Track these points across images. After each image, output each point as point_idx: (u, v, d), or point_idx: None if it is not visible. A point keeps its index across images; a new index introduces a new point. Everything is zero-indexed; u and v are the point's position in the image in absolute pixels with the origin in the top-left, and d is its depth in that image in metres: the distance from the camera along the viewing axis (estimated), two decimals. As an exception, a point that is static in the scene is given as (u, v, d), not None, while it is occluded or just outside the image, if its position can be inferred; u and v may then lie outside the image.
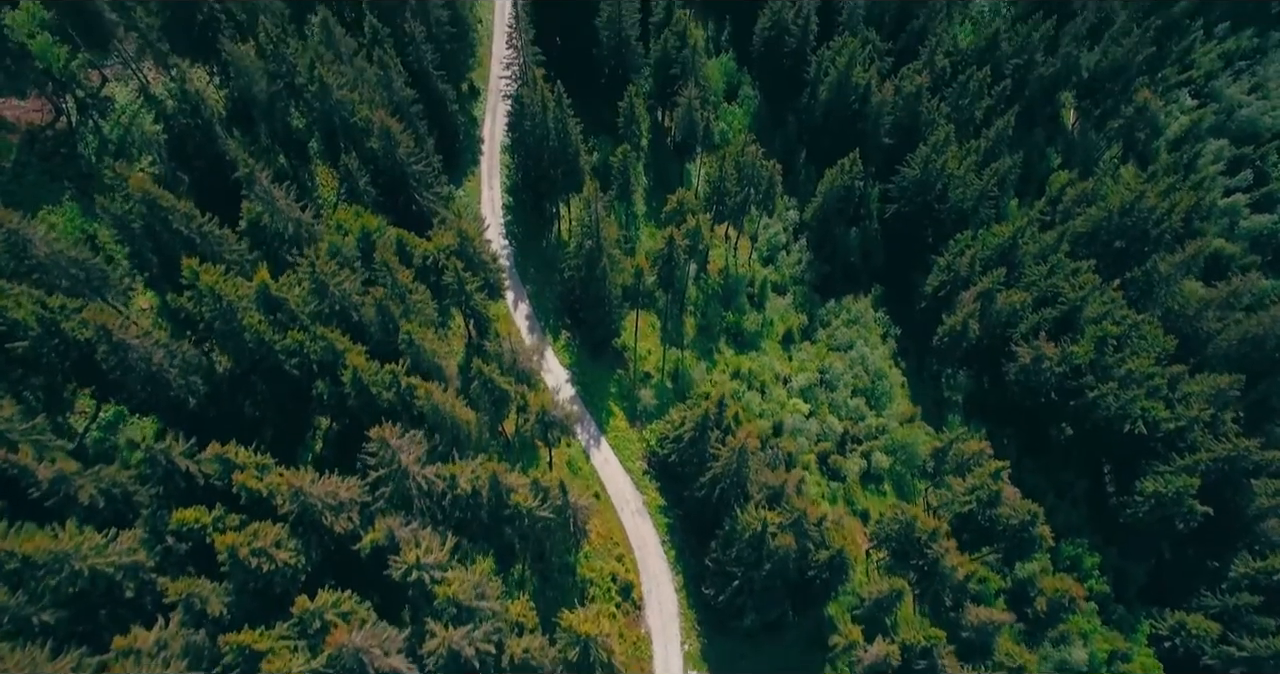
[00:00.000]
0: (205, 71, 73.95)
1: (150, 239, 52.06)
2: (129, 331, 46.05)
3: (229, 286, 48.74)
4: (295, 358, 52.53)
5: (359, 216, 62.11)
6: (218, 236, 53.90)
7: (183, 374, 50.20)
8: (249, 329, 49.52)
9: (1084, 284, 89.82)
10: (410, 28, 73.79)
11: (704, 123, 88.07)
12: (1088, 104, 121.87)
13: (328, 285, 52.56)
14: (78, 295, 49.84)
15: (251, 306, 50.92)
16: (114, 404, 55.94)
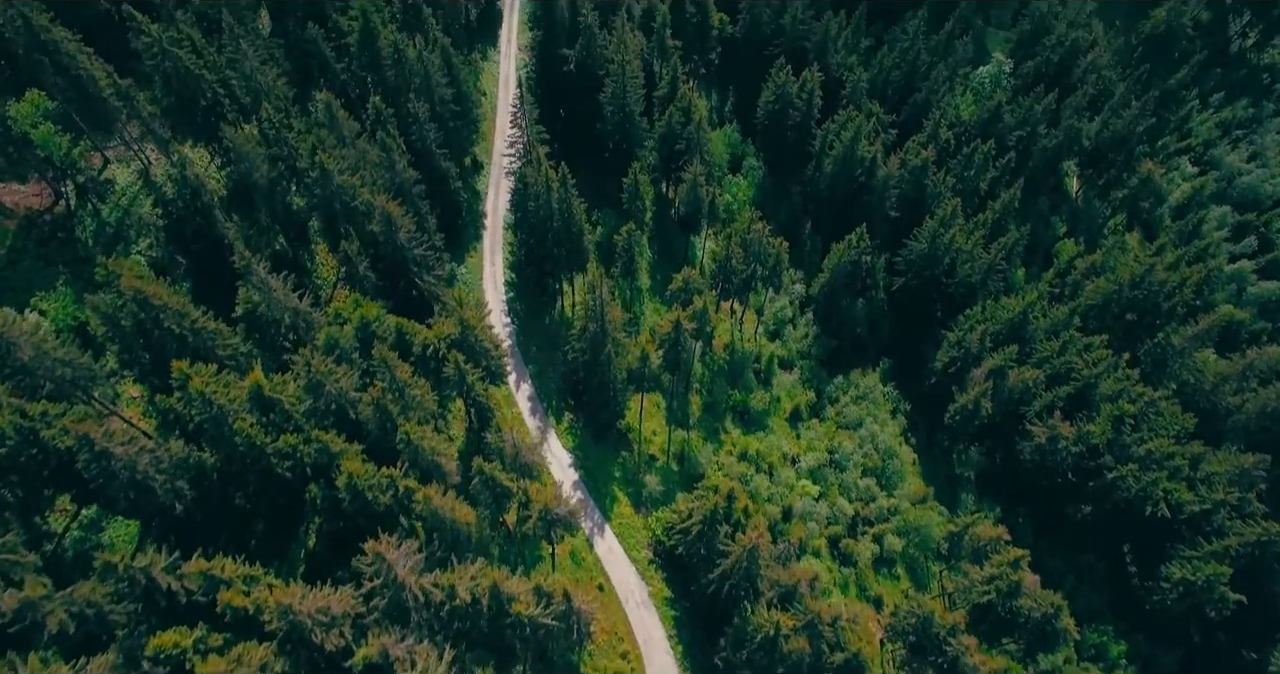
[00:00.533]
0: (207, 152, 73.37)
1: (141, 337, 50.27)
2: (112, 439, 43.88)
3: (220, 391, 46.77)
4: (288, 461, 50.23)
5: (358, 306, 60.50)
6: (211, 332, 52.16)
7: (169, 479, 47.82)
8: (240, 434, 47.34)
9: (1097, 359, 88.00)
10: (414, 107, 73.39)
11: (709, 198, 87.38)
12: (1091, 173, 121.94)
13: (323, 385, 50.57)
14: (62, 397, 47.81)
15: (243, 409, 48.84)
16: (95, 506, 53.42)
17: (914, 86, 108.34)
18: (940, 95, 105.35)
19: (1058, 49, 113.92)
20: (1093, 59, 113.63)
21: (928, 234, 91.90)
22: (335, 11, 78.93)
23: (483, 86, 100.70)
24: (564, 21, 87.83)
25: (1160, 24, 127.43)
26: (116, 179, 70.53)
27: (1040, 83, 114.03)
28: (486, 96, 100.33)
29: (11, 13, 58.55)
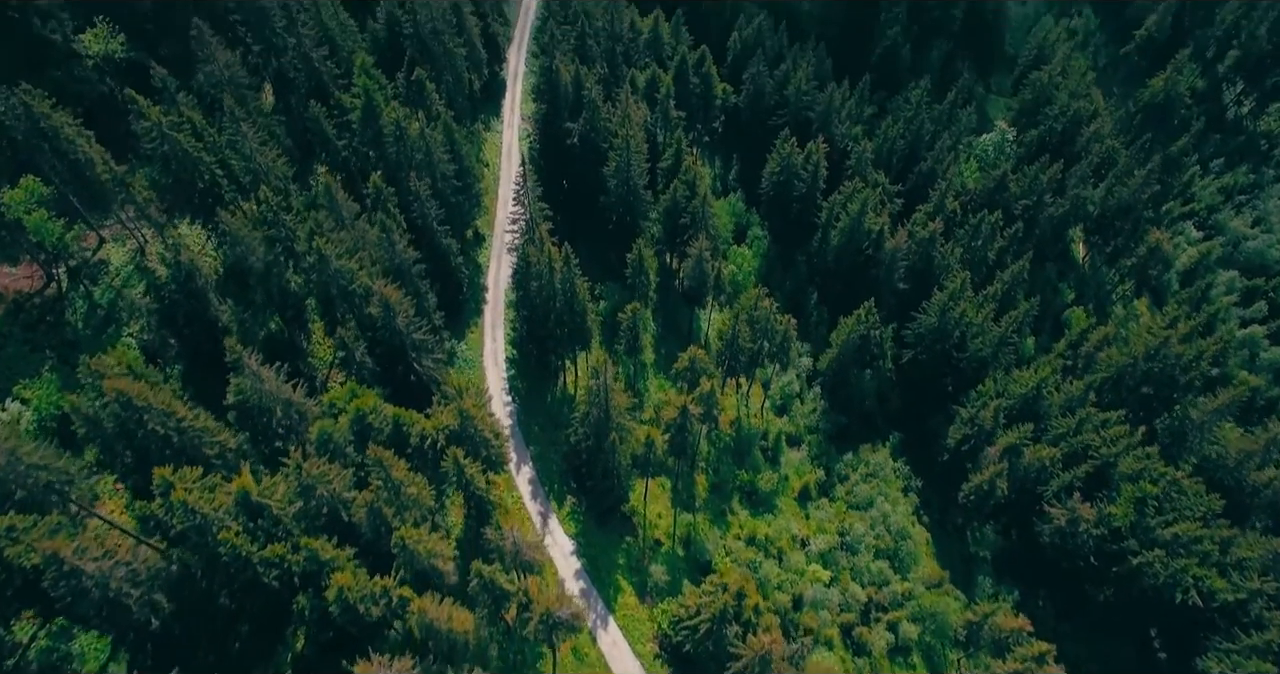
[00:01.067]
0: (204, 232, 71.97)
1: (123, 438, 47.82)
2: (84, 555, 41.05)
3: (204, 498, 44.13)
4: (275, 570, 47.28)
5: (354, 397, 58.22)
6: (198, 430, 49.67)
7: (146, 592, 44.80)
8: (225, 544, 44.51)
9: (1115, 436, 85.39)
10: (415, 186, 72.25)
11: (714, 272, 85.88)
12: (1097, 239, 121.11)
13: (315, 488, 47.93)
14: (34, 505, 45.09)
15: (229, 515, 46.09)
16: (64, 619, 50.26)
17: (918, 155, 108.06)
18: (945, 165, 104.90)
19: (1060, 118, 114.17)
20: (1095, 128, 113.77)
21: (937, 308, 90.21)
22: (338, 88, 78.41)
23: (486, 157, 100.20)
24: (567, 95, 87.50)
25: (1159, 93, 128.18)
26: (111, 259, 68.95)
27: (1045, 152, 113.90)
28: (489, 167, 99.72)
29: (13, 100, 57.63)
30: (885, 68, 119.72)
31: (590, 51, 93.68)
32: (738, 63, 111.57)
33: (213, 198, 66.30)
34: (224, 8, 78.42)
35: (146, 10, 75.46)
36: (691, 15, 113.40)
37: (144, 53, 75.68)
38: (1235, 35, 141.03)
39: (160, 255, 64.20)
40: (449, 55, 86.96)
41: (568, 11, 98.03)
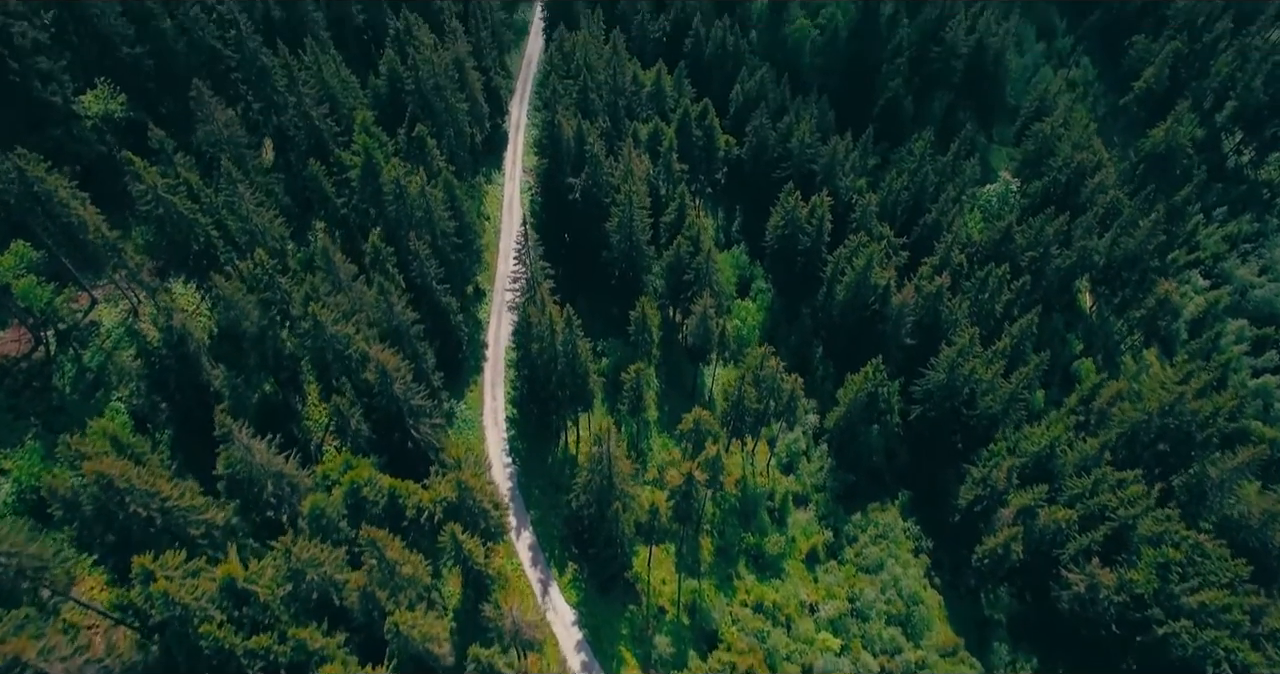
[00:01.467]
0: (198, 293, 70.49)
1: (102, 520, 45.56)
2: (50, 655, 38.52)
3: (186, 587, 41.72)
4: (261, 662, 44.63)
5: (348, 468, 56.07)
6: (184, 509, 47.42)
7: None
8: (207, 637, 41.97)
9: (1132, 497, 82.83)
10: (415, 245, 70.98)
11: (719, 330, 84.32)
12: (1104, 290, 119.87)
13: (305, 573, 45.53)
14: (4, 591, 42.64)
15: (212, 604, 43.61)
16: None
17: (923, 207, 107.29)
18: (950, 218, 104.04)
19: (1064, 170, 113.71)
20: (1100, 180, 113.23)
21: (945, 364, 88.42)
22: (338, 145, 77.68)
23: (487, 210, 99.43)
24: (569, 149, 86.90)
25: (1160, 143, 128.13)
26: (103, 320, 67.32)
27: (1049, 203, 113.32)
28: (490, 220, 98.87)
29: (7, 164, 56.55)
30: (887, 118, 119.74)
31: (593, 105, 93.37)
32: (740, 114, 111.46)
33: (208, 259, 64.96)
34: (226, 66, 78.00)
35: (148, 69, 74.87)
36: (694, 68, 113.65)
37: (144, 112, 75.06)
38: (1231, 87, 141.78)
39: (152, 318, 62.57)
40: (451, 110, 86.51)
41: (570, 65, 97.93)
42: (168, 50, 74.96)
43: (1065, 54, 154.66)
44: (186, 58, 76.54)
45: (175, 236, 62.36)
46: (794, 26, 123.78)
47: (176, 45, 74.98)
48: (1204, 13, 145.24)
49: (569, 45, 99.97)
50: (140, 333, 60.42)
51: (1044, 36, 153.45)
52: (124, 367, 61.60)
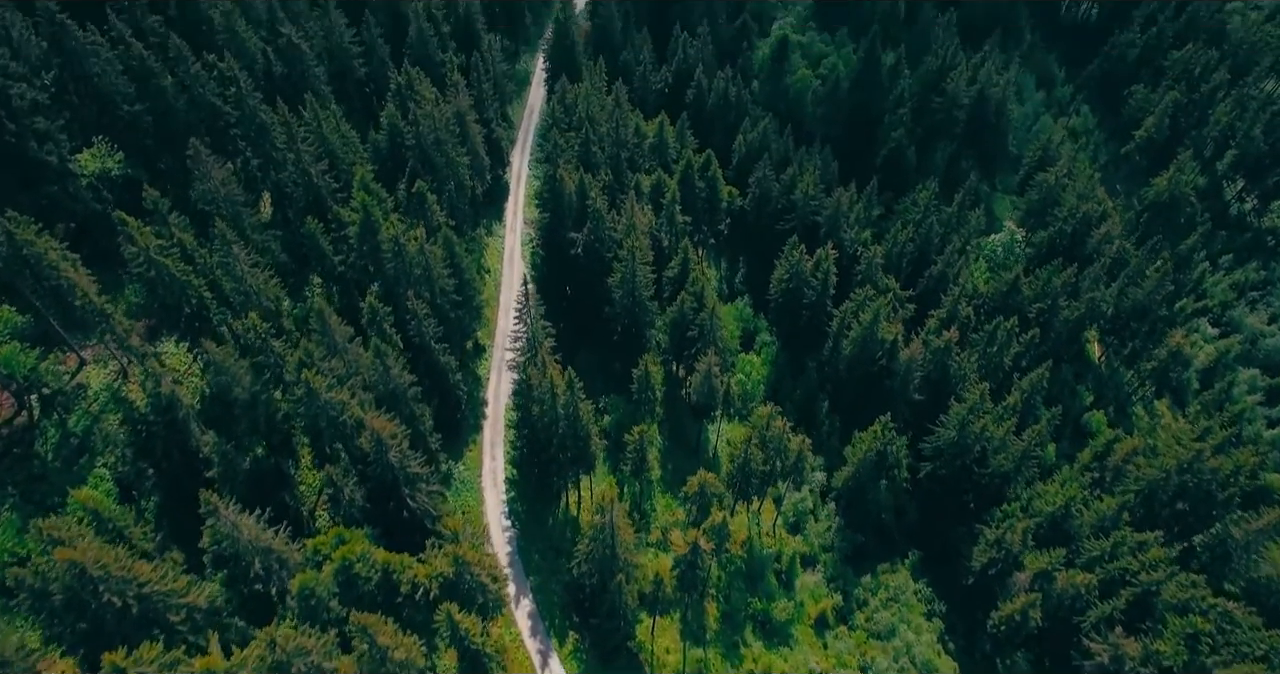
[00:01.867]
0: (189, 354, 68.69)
1: (74, 610, 43.02)
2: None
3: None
4: (239, 763, 41.77)
5: (340, 543, 53.62)
6: (163, 594, 44.91)
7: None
8: (181, 739, 39.28)
9: (1154, 561, 79.95)
10: (413, 305, 69.37)
11: (723, 388, 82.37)
12: (1112, 340, 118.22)
13: (290, 664, 42.86)
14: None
15: (190, 701, 40.91)
16: None
17: (928, 258, 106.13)
18: (957, 270, 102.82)
19: (1070, 220, 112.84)
20: (1106, 230, 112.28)
21: (956, 422, 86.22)
22: (336, 202, 76.59)
23: (487, 263, 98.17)
24: (571, 204, 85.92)
25: (1163, 192, 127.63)
26: (90, 382, 65.41)
27: (1055, 253, 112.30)
28: (491, 273, 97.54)
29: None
30: (890, 168, 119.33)
31: (595, 158, 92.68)
32: (743, 165, 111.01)
33: (200, 321, 63.33)
34: (225, 122, 77.33)
35: (147, 126, 74.14)
36: (696, 118, 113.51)
37: (142, 168, 74.27)
38: (1231, 135, 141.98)
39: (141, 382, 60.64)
40: (451, 164, 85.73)
41: (572, 117, 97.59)
42: (168, 107, 74.28)
43: (1065, 102, 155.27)
44: (186, 114, 75.84)
45: (167, 300, 60.79)
46: (795, 77, 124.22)
47: (177, 102, 74.32)
48: (1201, 63, 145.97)
49: (571, 97, 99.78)
50: (127, 399, 58.41)
51: (1043, 85, 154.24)
52: (109, 434, 59.48)
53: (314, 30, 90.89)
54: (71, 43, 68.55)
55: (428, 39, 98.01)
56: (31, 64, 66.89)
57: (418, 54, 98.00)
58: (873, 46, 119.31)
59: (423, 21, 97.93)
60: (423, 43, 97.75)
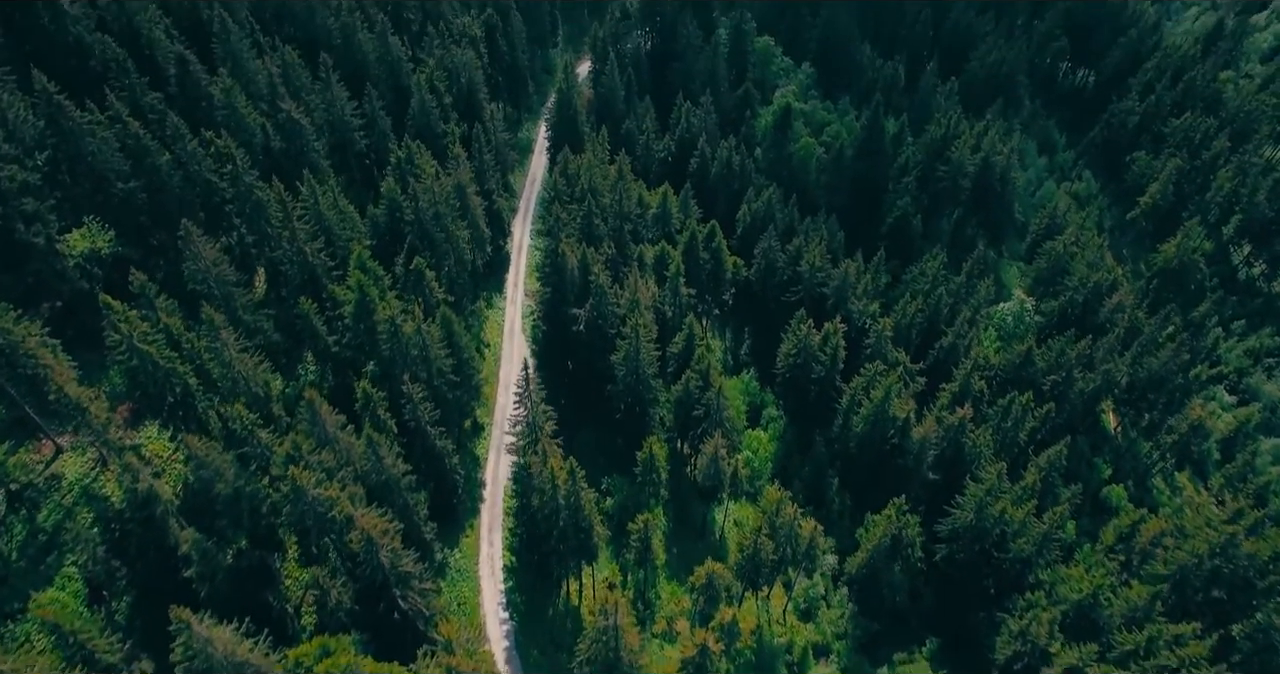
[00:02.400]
0: (172, 443, 65.63)
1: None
2: None
3: None
4: None
5: (324, 655, 49.68)
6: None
7: None
8: None
9: (1193, 656, 75.25)
10: (408, 389, 66.60)
11: (731, 471, 79.07)
12: (1128, 410, 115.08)
13: None
14: None
15: None
16: None
17: (938, 329, 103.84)
18: (968, 342, 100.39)
19: (1080, 290, 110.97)
20: (1118, 300, 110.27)
21: (973, 505, 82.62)
22: (332, 280, 74.52)
23: (487, 336, 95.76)
24: (573, 280, 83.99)
25: (1172, 259, 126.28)
26: (66, 473, 62.03)
27: (1067, 323, 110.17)
28: (490, 347, 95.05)
29: (-33, 317, 52.85)
30: (897, 236, 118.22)
31: (597, 230, 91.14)
32: (747, 235, 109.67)
33: (184, 409, 60.49)
34: (221, 198, 75.83)
35: (141, 203, 72.56)
36: (699, 187, 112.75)
37: (132, 246, 72.33)
38: (1235, 201, 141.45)
39: (118, 477, 57.48)
40: (451, 239, 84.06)
41: (574, 189, 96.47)
42: (163, 185, 72.76)
43: (1067, 167, 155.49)
44: (181, 191, 74.34)
45: (149, 389, 58.06)
46: (799, 145, 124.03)
47: (172, 180, 72.84)
48: (1201, 131, 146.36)
49: (573, 168, 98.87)
50: (101, 496, 55.21)
51: (1045, 151, 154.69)
52: (79, 532, 55.93)
53: (315, 103, 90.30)
54: (68, 123, 67.30)
55: (429, 110, 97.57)
56: (25, 145, 65.47)
57: (419, 125, 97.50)
58: (875, 115, 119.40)
59: (425, 93, 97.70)
60: (424, 114, 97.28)
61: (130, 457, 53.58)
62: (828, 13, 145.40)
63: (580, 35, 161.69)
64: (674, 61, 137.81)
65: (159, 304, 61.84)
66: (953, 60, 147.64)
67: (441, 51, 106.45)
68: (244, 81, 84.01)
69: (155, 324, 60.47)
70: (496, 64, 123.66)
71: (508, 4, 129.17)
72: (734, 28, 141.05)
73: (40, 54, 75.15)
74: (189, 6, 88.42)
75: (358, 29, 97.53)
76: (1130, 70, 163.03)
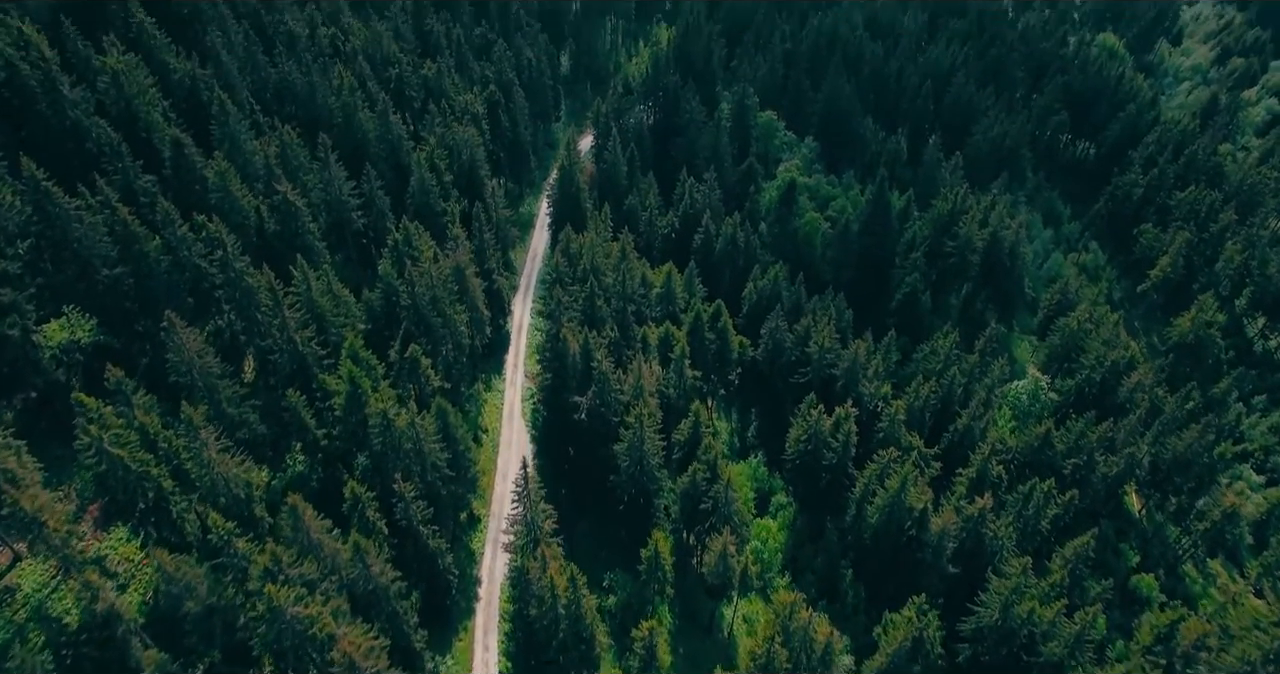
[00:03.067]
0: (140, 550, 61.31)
1: None
2: None
3: None
4: None
5: None
6: None
7: None
8: None
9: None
10: (400, 489, 62.68)
11: (740, 568, 74.36)
12: (1153, 492, 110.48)
13: None
14: None
15: None
16: None
17: (951, 410, 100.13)
18: (984, 424, 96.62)
19: (1098, 369, 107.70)
20: (1138, 379, 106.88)
21: (998, 603, 77.53)
22: (322, 369, 71.35)
23: (485, 421, 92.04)
24: (575, 366, 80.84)
25: (1187, 334, 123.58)
26: (22, 584, 57.42)
27: (1084, 403, 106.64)
28: (489, 433, 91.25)
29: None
30: (906, 312, 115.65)
31: (599, 312, 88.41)
32: (753, 313, 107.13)
33: (156, 515, 56.53)
34: (210, 283, 73.29)
35: (127, 289, 70.00)
36: (703, 264, 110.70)
37: (114, 335, 69.37)
38: (1246, 273, 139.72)
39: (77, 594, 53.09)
40: (449, 323, 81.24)
41: (576, 269, 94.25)
42: (150, 270, 70.31)
43: (1074, 239, 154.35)
44: (170, 276, 71.85)
45: (119, 494, 54.26)
46: (804, 220, 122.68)
47: (159, 266, 70.43)
48: (1206, 204, 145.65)
49: (575, 248, 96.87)
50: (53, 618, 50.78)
51: (1050, 223, 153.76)
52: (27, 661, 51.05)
53: (313, 182, 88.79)
54: (55, 209, 65.22)
55: (429, 189, 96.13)
56: (8, 233, 63.27)
57: (419, 204, 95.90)
58: (881, 190, 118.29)
59: (424, 171, 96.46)
60: (424, 193, 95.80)
61: (91, 572, 49.32)
62: (829, 87, 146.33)
63: (583, 109, 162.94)
64: (677, 136, 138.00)
65: (136, 401, 58.54)
66: (954, 133, 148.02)
67: (443, 129, 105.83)
68: (240, 163, 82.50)
69: (131, 422, 56.92)
70: (498, 140, 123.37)
71: (510, 80, 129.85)
72: (736, 102, 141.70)
73: (35, 139, 73.85)
74: (189, 88, 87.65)
75: (358, 108, 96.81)
76: (1130, 143, 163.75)
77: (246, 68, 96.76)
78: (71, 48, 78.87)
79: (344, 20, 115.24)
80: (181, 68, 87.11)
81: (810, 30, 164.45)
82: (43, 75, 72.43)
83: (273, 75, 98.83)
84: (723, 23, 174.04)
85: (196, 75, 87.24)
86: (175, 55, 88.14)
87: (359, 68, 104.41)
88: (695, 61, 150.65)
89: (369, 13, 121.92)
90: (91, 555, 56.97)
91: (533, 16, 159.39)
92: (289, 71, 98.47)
